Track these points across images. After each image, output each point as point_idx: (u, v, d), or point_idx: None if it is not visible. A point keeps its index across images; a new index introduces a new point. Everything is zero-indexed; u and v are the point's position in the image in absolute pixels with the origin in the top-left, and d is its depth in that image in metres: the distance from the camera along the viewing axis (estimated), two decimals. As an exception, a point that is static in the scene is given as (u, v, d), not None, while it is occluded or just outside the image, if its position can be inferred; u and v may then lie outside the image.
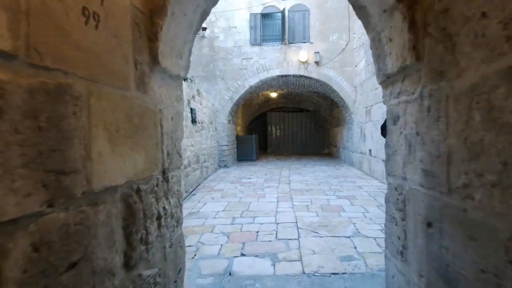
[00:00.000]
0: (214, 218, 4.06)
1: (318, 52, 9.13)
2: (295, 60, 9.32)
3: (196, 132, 6.88)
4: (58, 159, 0.84)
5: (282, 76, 9.54)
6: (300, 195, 5.28)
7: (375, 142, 6.81)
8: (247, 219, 3.96)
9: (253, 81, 9.49)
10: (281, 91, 12.56)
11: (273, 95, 12.94)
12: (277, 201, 4.87)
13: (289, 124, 15.55)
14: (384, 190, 2.09)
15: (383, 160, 6.12)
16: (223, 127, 9.65)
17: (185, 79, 5.35)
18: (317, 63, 9.22)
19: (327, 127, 14.67)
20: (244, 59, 9.48)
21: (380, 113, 6.51)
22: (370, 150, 7.30)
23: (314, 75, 9.29)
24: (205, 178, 7.39)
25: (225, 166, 9.61)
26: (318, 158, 12.49)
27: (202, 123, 7.59)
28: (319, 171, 8.31)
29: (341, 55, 9.16)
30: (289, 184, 6.44)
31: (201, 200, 5.13)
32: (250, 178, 7.39)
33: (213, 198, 5.21)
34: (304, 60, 9.18)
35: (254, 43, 9.43)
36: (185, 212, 4.30)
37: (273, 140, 15.67)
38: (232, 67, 9.52)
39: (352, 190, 5.62)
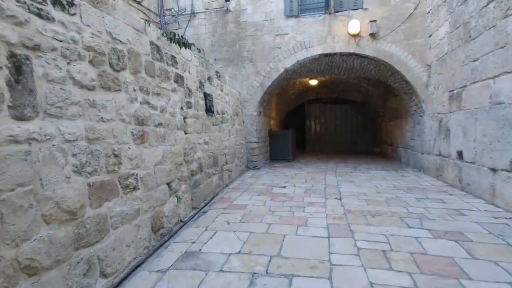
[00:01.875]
0: (220, 271, 2.33)
1: (374, 21, 6.93)
2: (343, 33, 7.22)
3: (213, 125, 5.22)
4: None
5: (326, 55, 7.50)
6: (363, 224, 3.33)
7: (474, 142, 4.55)
8: (276, 279, 2.17)
9: (289, 62, 7.59)
10: (323, 78, 10.46)
11: (313, 83, 10.88)
12: (328, 236, 2.99)
13: (331, 117, 13.33)
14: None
15: (492, 169, 3.88)
16: (252, 120, 7.91)
17: (186, 45, 3.68)
18: (373, 35, 7.02)
19: (379, 121, 12.21)
20: (277, 35, 7.61)
21: (484, 96, 4.25)
22: (459, 153, 5.02)
23: (368, 51, 7.11)
24: (226, 185, 5.72)
25: (255, 168, 7.89)
26: (368, 159, 10.19)
27: (223, 114, 5.91)
28: (378, 179, 6.17)
29: (407, 23, 6.85)
30: (340, 199, 4.48)
31: (211, 225, 3.44)
32: (285, 186, 5.55)
33: (228, 224, 3.48)
34: (355, 32, 7.04)
35: (289, 14, 7.50)
36: (179, 249, 2.63)
37: (312, 137, 13.59)
38: (263, 46, 7.72)
39: (450, 218, 3.50)
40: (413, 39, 6.86)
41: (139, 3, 7.59)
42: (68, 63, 2.03)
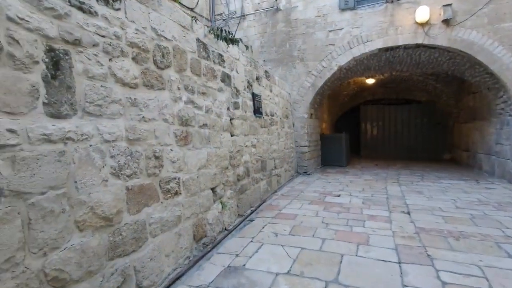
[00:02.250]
0: (267, 295, 1.99)
1: (449, 5, 5.95)
2: (408, 23, 6.36)
3: (261, 127, 4.95)
4: None
5: (387, 49, 6.70)
6: (445, 249, 2.67)
7: None
8: (336, 315, 1.74)
9: (343, 60, 6.98)
10: (381, 77, 9.49)
11: (369, 82, 9.95)
12: (399, 262, 2.43)
13: (390, 120, 12.09)
14: None
15: None
16: (303, 122, 7.46)
17: (233, 41, 3.47)
18: (446, 22, 6.03)
19: (449, 123, 10.64)
20: (330, 31, 7.07)
21: None
22: None
23: (440, 41, 6.13)
24: (275, 192, 5.38)
25: (305, 173, 7.41)
26: (437, 166, 8.87)
27: (272, 115, 5.61)
28: (454, 190, 5.20)
29: (492, 4, 5.72)
30: (408, 214, 3.79)
31: (257, 236, 3.13)
32: (339, 195, 4.99)
33: (276, 236, 3.13)
34: (424, 20, 6.14)
35: (344, 7, 6.91)
36: (222, 262, 2.37)
37: (368, 141, 12.49)
38: (315, 43, 7.24)
39: None
40: (500, 23, 5.70)
41: (191, 9, 7.79)
42: (110, 60, 1.92)
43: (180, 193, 2.55)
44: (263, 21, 7.85)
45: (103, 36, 1.89)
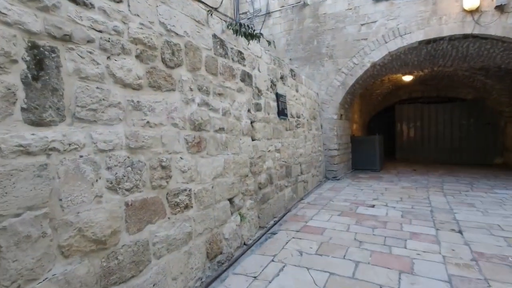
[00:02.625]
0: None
1: (505, -12, 5.15)
2: (454, 11, 5.63)
3: (286, 130, 4.58)
4: None
5: (428, 42, 6.00)
6: (514, 283, 2.13)
7: None
8: None
9: (377, 55, 6.37)
10: (420, 73, 8.65)
11: (406, 79, 9.13)
12: (456, 300, 1.95)
13: (430, 120, 11.05)
14: None
15: None
16: (332, 124, 6.96)
17: (253, 36, 3.16)
18: (500, 8, 5.24)
19: (501, 123, 9.46)
20: (363, 25, 6.50)
21: None
22: None
23: (494, 30, 5.33)
24: (301, 199, 4.98)
25: (334, 178, 6.89)
26: (488, 172, 7.86)
27: (298, 117, 5.22)
28: (513, 202, 4.44)
29: (561, -17, 4.85)
30: (460, 232, 3.21)
31: (279, 254, 2.77)
32: (373, 205, 4.47)
33: (301, 254, 2.75)
34: (473, 7, 5.38)
35: (379, -2, 6.31)
36: (237, 285, 2.05)
37: (404, 143, 11.55)
38: (345, 39, 6.71)
39: None
40: None
41: (216, 9, 7.61)
42: (108, 58, 1.70)
43: (191, 206, 2.28)
44: (289, 17, 7.47)
45: (100, 31, 1.67)
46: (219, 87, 2.81)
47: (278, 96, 4.28)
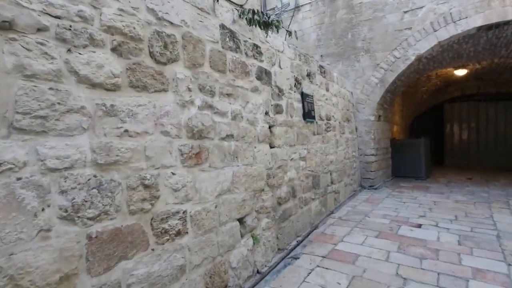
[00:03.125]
0: None
1: None
2: (524, -12, 4.60)
3: (314, 134, 4.02)
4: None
5: (489, 27, 5.00)
6: None
7: None
8: None
9: (424, 46, 5.50)
10: (476, 66, 7.44)
11: (459, 73, 7.93)
12: None
13: (488, 120, 9.59)
14: None
15: None
16: (369, 126, 6.19)
17: (268, 25, 2.69)
18: None
19: None
20: (406, 12, 5.66)
21: None
22: None
23: None
24: (331, 213, 4.36)
25: (371, 187, 6.11)
26: None
27: (328, 119, 4.62)
28: None
29: None
30: (545, 273, 2.40)
31: (298, 290, 2.25)
32: (419, 225, 3.71)
33: (325, 293, 2.20)
34: (552, -19, 4.33)
35: (426, -21, 5.43)
36: None
37: (454, 147, 10.18)
38: (385, 29, 5.91)
39: None
40: None
41: (241, 6, 7.26)
42: (68, 51, 1.34)
43: (186, 232, 1.86)
44: (320, 10, 6.83)
45: (58, 18, 1.31)
46: (228, 86, 2.37)
47: (304, 96, 3.74)
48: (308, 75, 4.00)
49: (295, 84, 3.60)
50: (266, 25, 2.69)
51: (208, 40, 2.21)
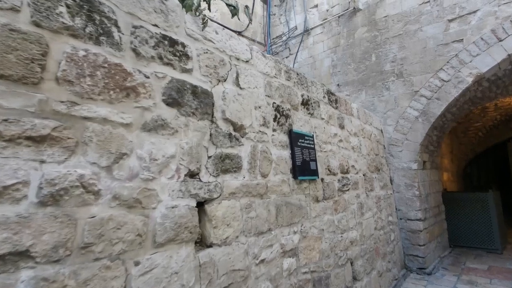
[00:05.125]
0: None
1: None
2: None
3: (317, 201, 2.35)
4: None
5: None
6: None
7: None
8: None
9: (485, 63, 3.81)
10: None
11: (530, 103, 5.94)
12: None
13: None
14: None
15: None
16: (411, 177, 4.34)
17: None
18: None
19: None
20: (452, 20, 4.11)
21: None
22: None
23: None
24: (356, 338, 2.46)
25: (422, 270, 4.06)
26: None
27: (345, 172, 2.94)
28: None
29: None
30: None
31: None
32: None
33: None
34: None
35: (478, -24, 3.94)
36: None
37: (530, 199, 7.64)
38: (423, 45, 4.36)
39: None
40: None
41: (239, 33, 6.22)
42: None
43: None
44: (334, 31, 5.53)
45: None
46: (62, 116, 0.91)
47: (294, 137, 2.18)
48: (305, 103, 2.48)
49: (277, 117, 2.08)
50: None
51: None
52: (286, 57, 6.41)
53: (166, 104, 1.33)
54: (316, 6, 5.89)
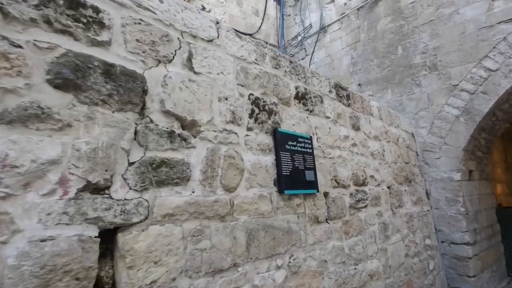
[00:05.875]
0: None
1: None
2: None
3: (316, 222, 1.79)
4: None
5: None
6: None
7: None
8: None
9: (547, 46, 2.99)
10: None
11: None
12: None
13: None
14: None
15: None
16: (453, 190, 3.52)
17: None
18: None
19: None
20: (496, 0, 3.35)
21: None
22: None
23: None
24: None
25: (471, 308, 3.19)
26: None
27: (360, 184, 2.33)
28: None
29: None
30: None
31: None
32: None
33: None
34: None
35: None
36: None
37: None
38: (460, 31, 3.62)
39: None
40: None
41: (251, 35, 5.87)
42: None
43: None
44: (354, 25, 4.95)
45: None
46: None
47: (279, 138, 1.67)
48: (301, 97, 1.96)
49: (254, 112, 1.59)
50: None
51: None
52: (302, 59, 5.91)
53: (54, 86, 0.92)
54: (333, 0, 5.37)
